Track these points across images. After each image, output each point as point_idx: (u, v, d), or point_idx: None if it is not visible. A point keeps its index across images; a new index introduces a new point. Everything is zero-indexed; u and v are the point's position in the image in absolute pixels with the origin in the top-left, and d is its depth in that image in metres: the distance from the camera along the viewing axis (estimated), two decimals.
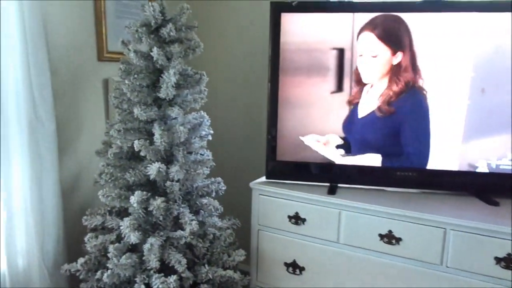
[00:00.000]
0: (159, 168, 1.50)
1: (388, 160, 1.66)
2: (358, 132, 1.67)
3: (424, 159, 1.63)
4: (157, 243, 1.50)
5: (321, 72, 1.67)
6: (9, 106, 1.48)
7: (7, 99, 1.47)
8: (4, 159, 1.48)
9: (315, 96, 1.69)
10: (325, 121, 1.70)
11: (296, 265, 1.71)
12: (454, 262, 1.43)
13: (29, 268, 1.60)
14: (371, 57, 1.61)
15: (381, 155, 1.67)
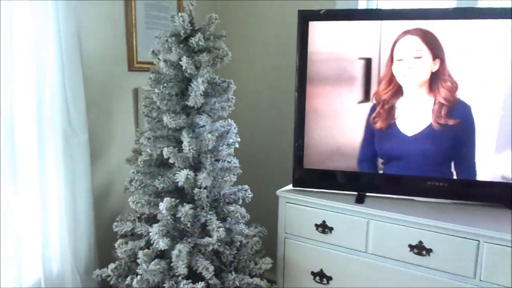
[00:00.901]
0: (187, 175, 1.52)
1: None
2: (410, 151, 1.63)
3: (473, 172, 1.59)
4: (185, 250, 1.52)
5: (348, 81, 1.66)
6: (45, 116, 1.54)
7: (44, 110, 1.53)
8: (40, 168, 1.54)
9: (342, 105, 1.68)
10: (352, 131, 1.68)
11: (323, 274, 1.70)
12: (488, 276, 1.38)
13: (63, 273, 1.64)
14: (414, 58, 1.57)
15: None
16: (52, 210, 1.59)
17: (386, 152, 1.66)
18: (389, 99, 1.62)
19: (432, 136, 1.59)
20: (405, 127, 1.63)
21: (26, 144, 1.50)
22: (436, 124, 1.58)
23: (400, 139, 1.64)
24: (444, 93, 1.56)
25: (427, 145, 1.60)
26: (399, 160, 1.65)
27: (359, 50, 1.64)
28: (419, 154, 1.62)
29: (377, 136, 1.66)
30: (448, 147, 1.59)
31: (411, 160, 1.63)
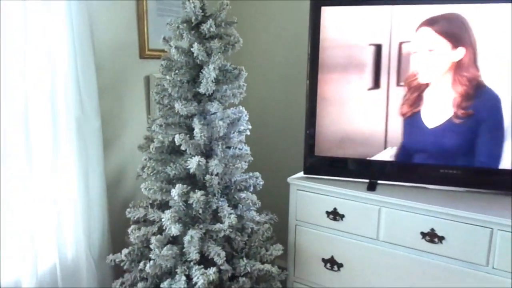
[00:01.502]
0: (199, 162, 1.53)
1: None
2: (432, 143, 1.60)
3: (497, 159, 1.55)
4: (197, 236, 1.54)
5: (358, 68, 1.64)
6: (59, 103, 1.55)
7: (57, 97, 1.54)
8: (54, 154, 1.56)
9: (353, 92, 1.66)
10: (364, 118, 1.67)
11: (334, 261, 1.70)
12: (501, 264, 1.37)
13: (77, 259, 1.67)
14: (428, 51, 1.54)
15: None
16: (66, 196, 1.62)
17: (407, 143, 1.63)
18: (416, 87, 1.59)
19: (452, 130, 1.56)
20: (427, 118, 1.59)
21: (40, 130, 1.52)
22: (457, 116, 1.55)
23: (421, 130, 1.60)
24: (465, 83, 1.52)
25: (446, 139, 1.57)
26: (419, 153, 1.62)
27: (370, 36, 1.61)
28: (438, 148, 1.59)
29: (402, 123, 1.63)
30: (469, 140, 1.56)
31: (430, 153, 1.60)
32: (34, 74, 1.47)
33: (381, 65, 1.62)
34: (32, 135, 1.47)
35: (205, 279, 1.49)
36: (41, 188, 1.54)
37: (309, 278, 1.79)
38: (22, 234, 1.48)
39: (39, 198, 1.53)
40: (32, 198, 1.50)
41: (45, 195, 1.56)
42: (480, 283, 1.41)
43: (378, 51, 1.61)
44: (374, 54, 1.62)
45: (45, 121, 1.53)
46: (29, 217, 1.49)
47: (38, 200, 1.53)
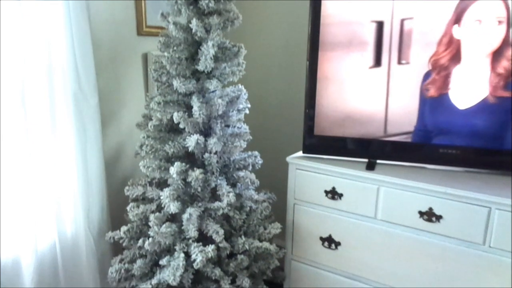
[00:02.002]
0: (198, 140, 1.52)
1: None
2: (463, 125, 1.55)
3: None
4: (196, 213, 1.54)
5: (360, 46, 1.61)
6: (55, 79, 1.53)
7: (54, 73, 1.52)
8: (52, 132, 1.55)
9: (353, 71, 1.64)
10: (363, 97, 1.65)
11: (332, 240, 1.71)
12: (497, 242, 1.38)
13: (77, 236, 1.68)
14: (494, 24, 1.43)
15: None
16: (65, 174, 1.61)
17: (434, 124, 1.59)
18: (446, 65, 1.53)
19: (487, 111, 1.51)
20: (458, 98, 1.54)
21: (38, 107, 1.50)
22: (493, 96, 1.50)
23: (451, 112, 1.55)
24: (505, 62, 1.46)
25: (480, 120, 1.52)
26: (448, 135, 1.59)
27: (372, 13, 1.58)
28: (470, 131, 1.55)
29: (427, 105, 1.59)
30: (505, 121, 1.51)
31: (461, 136, 1.56)
32: (30, 50, 1.44)
33: (383, 42, 1.59)
34: (30, 112, 1.46)
35: (203, 256, 1.50)
36: (40, 165, 1.53)
37: (307, 256, 1.80)
38: (21, 212, 1.49)
39: (38, 176, 1.53)
40: (30, 175, 1.50)
41: (44, 172, 1.55)
42: (476, 261, 1.43)
43: (380, 28, 1.58)
44: (375, 31, 1.59)
45: (43, 98, 1.51)
46: (28, 195, 1.49)
47: (37, 177, 1.52)
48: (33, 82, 1.47)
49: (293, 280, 1.87)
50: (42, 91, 1.50)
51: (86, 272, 1.68)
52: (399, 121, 1.63)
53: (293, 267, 1.85)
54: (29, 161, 1.48)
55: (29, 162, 1.48)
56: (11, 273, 1.48)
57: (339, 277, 1.73)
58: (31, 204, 1.51)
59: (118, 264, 1.64)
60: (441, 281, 1.50)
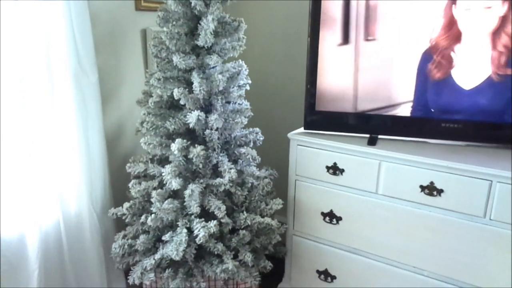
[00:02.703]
0: (199, 116, 1.52)
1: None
2: (468, 105, 1.53)
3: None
4: (197, 190, 1.55)
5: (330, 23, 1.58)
6: (54, 57, 1.52)
7: (52, 49, 1.50)
8: (53, 109, 1.54)
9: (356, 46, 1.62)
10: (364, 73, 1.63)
11: (333, 215, 1.72)
12: (498, 215, 1.39)
13: (80, 213, 1.69)
14: (484, 8, 1.42)
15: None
16: (67, 151, 1.61)
17: (440, 106, 1.57)
18: (447, 46, 1.50)
19: (492, 89, 1.49)
20: (461, 78, 1.52)
21: (38, 85, 1.49)
22: (496, 75, 1.48)
23: (456, 92, 1.54)
24: (505, 39, 1.43)
25: (486, 99, 1.50)
26: (454, 115, 1.57)
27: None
28: (477, 110, 1.54)
29: (431, 87, 1.57)
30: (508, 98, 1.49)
31: (467, 116, 1.55)
32: (28, 28, 1.42)
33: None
34: (30, 91, 1.45)
35: (206, 232, 1.51)
36: (42, 143, 1.53)
37: (308, 231, 1.82)
38: (24, 190, 1.49)
39: (40, 154, 1.53)
40: (33, 154, 1.50)
41: (46, 150, 1.55)
42: (477, 234, 1.44)
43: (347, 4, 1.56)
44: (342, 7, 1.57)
45: (42, 76, 1.49)
46: (30, 173, 1.50)
47: (39, 156, 1.52)
48: (32, 60, 1.45)
49: (294, 254, 1.89)
50: (42, 69, 1.49)
51: (90, 248, 1.70)
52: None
53: (295, 242, 1.87)
54: (31, 139, 1.48)
55: (31, 140, 1.48)
56: (16, 250, 1.50)
57: (340, 251, 1.75)
58: (34, 182, 1.52)
59: (121, 240, 1.65)
60: (442, 254, 1.52)
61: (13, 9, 1.36)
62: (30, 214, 1.51)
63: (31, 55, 1.44)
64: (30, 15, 1.42)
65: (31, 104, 1.47)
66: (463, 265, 1.49)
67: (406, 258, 1.60)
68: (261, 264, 1.72)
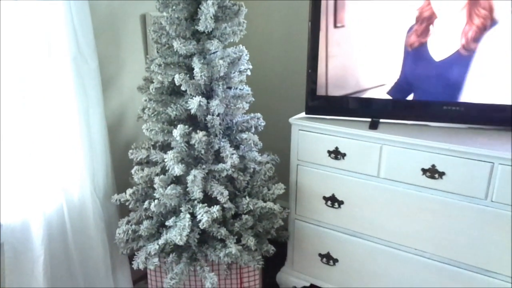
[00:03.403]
0: (200, 102, 1.52)
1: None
2: (437, 76, 1.56)
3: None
4: (200, 175, 1.55)
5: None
6: (54, 43, 1.50)
7: (52, 36, 1.49)
8: (53, 95, 1.53)
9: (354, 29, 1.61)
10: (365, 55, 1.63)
11: (335, 199, 1.74)
12: (499, 197, 1.40)
13: (83, 199, 1.70)
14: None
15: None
16: (69, 138, 1.61)
17: (412, 76, 1.59)
18: (427, 18, 1.52)
19: (459, 62, 1.52)
20: (434, 51, 1.55)
21: (37, 72, 1.48)
22: (464, 49, 1.50)
23: (427, 62, 1.56)
24: (481, 15, 1.44)
25: (453, 71, 1.53)
26: (423, 86, 1.59)
27: None
28: (444, 81, 1.56)
29: (407, 56, 1.58)
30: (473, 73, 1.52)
31: (435, 85, 1.57)
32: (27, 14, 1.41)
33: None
34: (29, 79, 1.44)
35: (209, 217, 1.52)
36: (44, 131, 1.53)
37: (310, 215, 1.83)
38: (26, 176, 1.50)
39: (43, 141, 1.53)
40: (35, 141, 1.50)
41: (48, 137, 1.55)
42: (478, 216, 1.45)
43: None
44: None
45: (42, 63, 1.48)
46: (33, 161, 1.50)
47: (42, 142, 1.53)
48: (31, 47, 1.44)
49: (296, 238, 1.91)
50: (41, 55, 1.48)
51: (94, 234, 1.72)
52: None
53: (297, 226, 1.89)
54: (32, 127, 1.48)
55: (32, 128, 1.48)
56: (20, 236, 1.51)
57: (342, 235, 1.77)
58: (36, 169, 1.52)
59: (125, 225, 1.67)
60: (443, 236, 1.53)
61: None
62: (33, 200, 1.52)
63: (30, 42, 1.43)
64: (29, 1, 1.40)
65: (31, 92, 1.46)
66: (464, 247, 1.50)
67: (407, 241, 1.62)
68: (264, 248, 1.74)
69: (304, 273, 1.95)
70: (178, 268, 1.61)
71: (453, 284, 1.57)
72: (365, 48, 1.62)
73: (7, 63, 1.38)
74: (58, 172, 1.61)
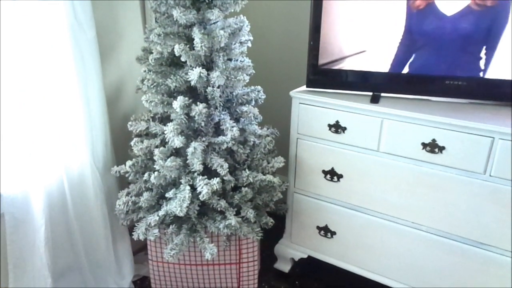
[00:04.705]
0: (200, 73, 1.49)
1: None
2: (449, 32, 1.51)
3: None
4: (200, 147, 1.55)
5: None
6: (50, 11, 1.46)
7: (47, 3, 1.45)
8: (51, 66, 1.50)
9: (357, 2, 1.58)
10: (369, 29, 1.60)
11: (334, 172, 1.74)
12: (498, 171, 1.41)
13: (83, 171, 1.69)
14: None
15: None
16: (67, 109, 1.59)
17: (421, 34, 1.55)
18: None
19: (469, 17, 1.47)
20: (444, 7, 1.49)
21: (36, 40, 1.45)
22: (475, 4, 1.45)
23: (438, 18, 1.51)
24: None
25: (463, 25, 1.48)
26: (433, 43, 1.55)
27: None
28: (455, 36, 1.51)
29: (414, 18, 1.54)
30: (483, 30, 1.48)
31: (445, 42, 1.53)
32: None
33: None
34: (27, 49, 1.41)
35: (209, 189, 1.53)
36: (42, 102, 1.51)
37: (309, 189, 1.84)
38: (25, 147, 1.49)
39: (41, 112, 1.51)
40: (34, 112, 1.48)
41: (46, 108, 1.53)
42: (476, 190, 1.46)
43: None
44: None
45: (39, 29, 1.45)
46: (33, 131, 1.49)
47: (40, 113, 1.51)
48: (27, 15, 1.40)
49: (295, 211, 1.93)
50: (38, 24, 1.44)
51: (94, 205, 1.72)
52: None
53: (296, 199, 1.90)
54: (31, 98, 1.46)
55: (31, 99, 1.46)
56: (21, 206, 1.52)
57: (340, 208, 1.79)
58: (34, 140, 1.51)
59: (125, 197, 1.67)
60: (441, 210, 1.55)
61: None
62: (32, 172, 1.52)
63: (26, 11, 1.39)
64: None
65: (29, 62, 1.43)
66: (461, 221, 1.53)
67: (405, 214, 1.64)
68: (263, 221, 1.75)
69: (302, 245, 1.98)
70: (178, 239, 1.63)
71: (449, 257, 1.60)
72: (366, 16, 1.58)
73: (3, 32, 1.34)
74: (57, 144, 1.60)
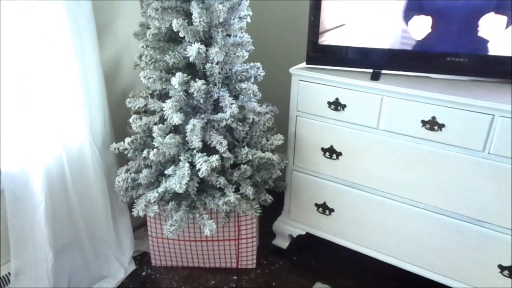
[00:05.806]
0: (199, 49, 1.47)
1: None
2: (453, 7, 1.47)
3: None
4: (199, 124, 1.54)
5: None
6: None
7: None
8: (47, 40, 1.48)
9: None
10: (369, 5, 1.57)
11: (333, 150, 1.74)
12: (497, 149, 1.41)
13: (82, 147, 1.69)
14: None
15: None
16: (65, 85, 1.58)
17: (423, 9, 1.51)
18: None
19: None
20: None
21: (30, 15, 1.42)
22: None
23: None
24: None
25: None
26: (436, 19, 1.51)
27: None
28: (459, 11, 1.48)
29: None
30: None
31: (449, 17, 1.49)
32: None
33: None
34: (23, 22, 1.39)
35: (208, 166, 1.53)
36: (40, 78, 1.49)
37: (307, 166, 1.85)
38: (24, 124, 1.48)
39: (39, 88, 1.49)
40: (31, 88, 1.46)
41: (45, 84, 1.51)
42: (475, 168, 1.47)
43: None
44: None
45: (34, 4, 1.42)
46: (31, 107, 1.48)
47: (38, 89, 1.49)
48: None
49: (294, 189, 1.94)
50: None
51: (94, 182, 1.73)
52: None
53: (294, 177, 1.91)
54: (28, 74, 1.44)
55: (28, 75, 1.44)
56: (20, 182, 1.52)
57: (339, 186, 1.79)
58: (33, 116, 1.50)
59: (124, 173, 1.68)
60: (439, 187, 1.56)
61: None
62: (31, 148, 1.51)
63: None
64: None
65: (26, 38, 1.41)
66: (459, 198, 1.54)
67: (403, 192, 1.65)
68: (262, 198, 1.77)
69: (300, 222, 2.00)
70: (178, 215, 1.64)
71: (446, 234, 1.61)
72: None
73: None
74: (55, 120, 1.59)
